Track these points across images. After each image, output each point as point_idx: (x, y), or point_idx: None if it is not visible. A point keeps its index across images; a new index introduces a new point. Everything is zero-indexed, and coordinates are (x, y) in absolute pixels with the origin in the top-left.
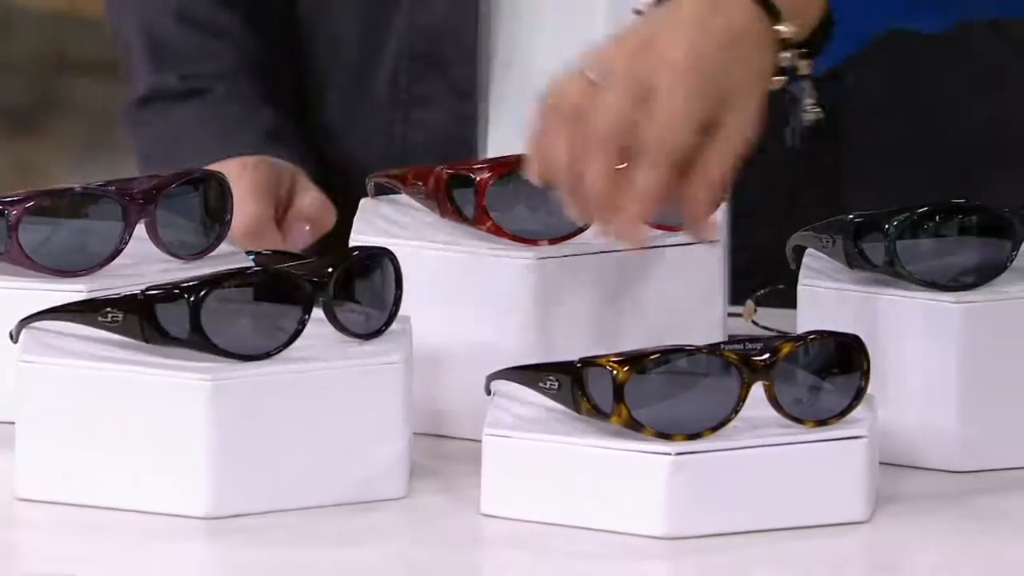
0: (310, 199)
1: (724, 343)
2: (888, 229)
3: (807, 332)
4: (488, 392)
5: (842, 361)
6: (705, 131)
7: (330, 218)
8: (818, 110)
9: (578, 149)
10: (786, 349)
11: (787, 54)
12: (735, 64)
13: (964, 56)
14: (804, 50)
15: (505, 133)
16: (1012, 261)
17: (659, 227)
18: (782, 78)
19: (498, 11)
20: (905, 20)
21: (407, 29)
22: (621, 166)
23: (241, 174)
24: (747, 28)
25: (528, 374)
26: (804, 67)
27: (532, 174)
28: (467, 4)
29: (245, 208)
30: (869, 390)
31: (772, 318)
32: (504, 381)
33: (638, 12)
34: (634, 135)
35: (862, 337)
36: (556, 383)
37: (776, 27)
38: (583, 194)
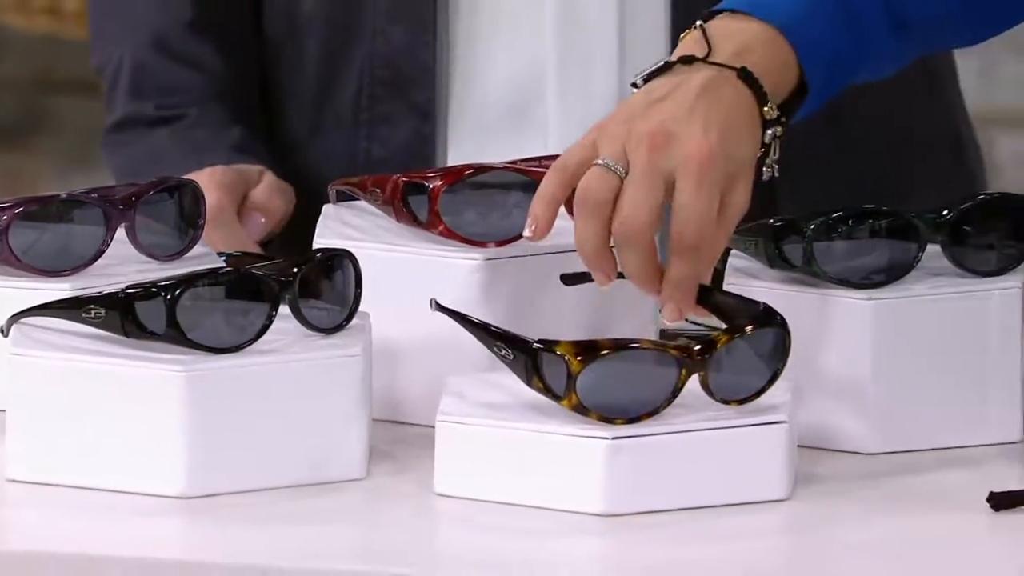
0: (258, 192)
1: (669, 340)
2: (806, 232)
3: (739, 325)
4: (432, 306)
5: (770, 349)
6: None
7: (278, 204)
8: (775, 167)
9: (603, 234)
10: (722, 340)
11: (770, 131)
12: (736, 148)
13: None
14: (782, 122)
15: (463, 149)
16: (919, 261)
17: None
18: (761, 150)
19: (456, 34)
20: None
21: (369, 56)
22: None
23: (209, 176)
24: (743, 113)
25: (484, 334)
26: (778, 133)
27: (536, 234)
28: (427, 31)
29: (208, 199)
30: (791, 380)
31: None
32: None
33: (635, 85)
34: (661, 221)
35: None
36: (510, 355)
37: (764, 108)
38: (624, 273)
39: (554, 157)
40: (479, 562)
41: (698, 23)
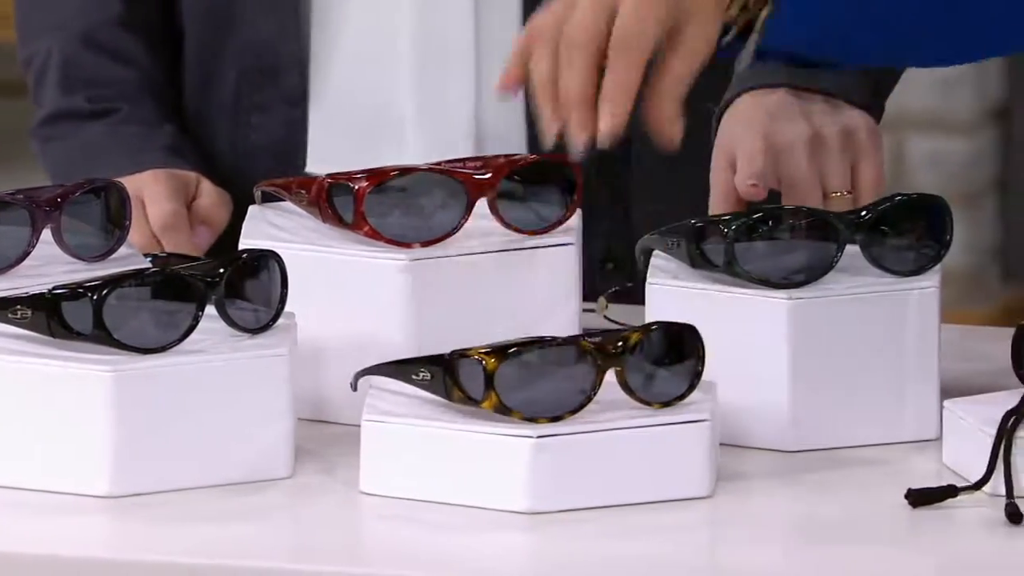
0: (202, 203)
1: (582, 335)
2: (727, 232)
3: (651, 323)
4: (354, 387)
5: (682, 348)
6: (668, 40)
7: (221, 215)
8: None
9: (554, 60)
10: (634, 338)
11: None
12: None
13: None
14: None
15: (326, 137)
16: (838, 261)
17: (520, 231)
18: (737, 12)
19: (314, 25)
20: None
21: (241, 45)
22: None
23: (155, 179)
24: None
25: (401, 368)
26: (757, 19)
27: (507, 86)
28: (289, 19)
29: (163, 206)
30: (711, 378)
31: (623, 314)
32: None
33: None
34: (606, 41)
35: (703, 330)
36: (428, 374)
37: None
38: (562, 100)
39: (478, 159)
40: (405, 560)
41: None
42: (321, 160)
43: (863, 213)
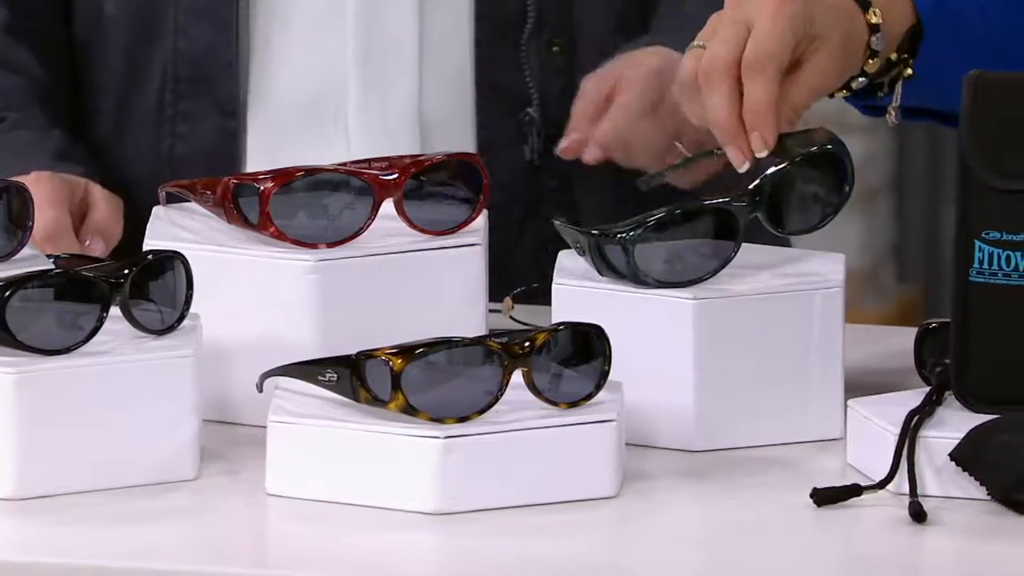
0: (99, 214)
1: (488, 335)
2: (627, 236)
3: (557, 323)
4: (259, 388)
5: (588, 349)
6: (791, 68)
7: (116, 227)
8: (896, 112)
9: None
10: (541, 338)
11: (876, 36)
12: (822, 13)
13: None
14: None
15: (262, 147)
16: (735, 254)
17: (426, 231)
18: (876, 61)
19: (255, 32)
20: None
21: (172, 54)
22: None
23: (37, 184)
24: (839, 5)
25: (306, 369)
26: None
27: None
28: (227, 29)
29: (45, 214)
30: (617, 379)
31: (529, 314)
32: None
33: None
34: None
35: (610, 330)
36: (334, 375)
37: (867, 13)
38: (712, 123)
39: (384, 159)
40: (312, 561)
41: None
42: (260, 167)
43: (757, 182)
